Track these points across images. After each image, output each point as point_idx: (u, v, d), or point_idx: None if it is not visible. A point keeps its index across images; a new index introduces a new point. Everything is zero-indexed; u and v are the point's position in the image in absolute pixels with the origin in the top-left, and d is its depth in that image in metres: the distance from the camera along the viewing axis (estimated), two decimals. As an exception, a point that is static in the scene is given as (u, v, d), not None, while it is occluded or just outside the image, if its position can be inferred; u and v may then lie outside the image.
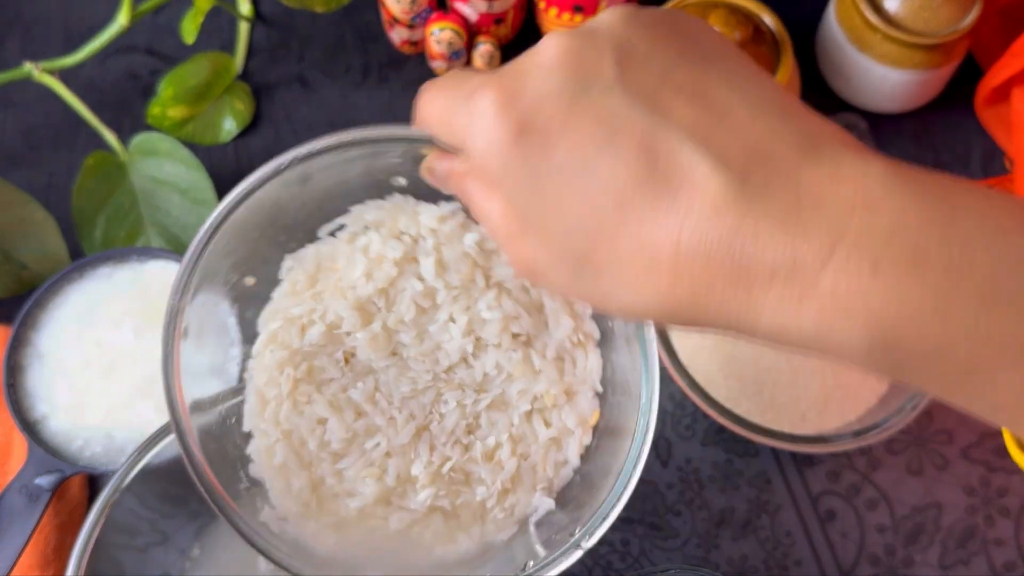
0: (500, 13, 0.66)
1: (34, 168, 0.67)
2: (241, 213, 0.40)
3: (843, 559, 0.57)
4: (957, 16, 0.61)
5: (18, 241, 0.60)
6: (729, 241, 0.27)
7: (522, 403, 0.43)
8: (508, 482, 0.42)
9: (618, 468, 0.41)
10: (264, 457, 0.42)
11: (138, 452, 0.49)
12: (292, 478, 0.42)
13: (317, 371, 0.42)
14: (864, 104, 0.67)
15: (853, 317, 0.26)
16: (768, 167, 0.27)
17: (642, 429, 0.41)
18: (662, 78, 0.29)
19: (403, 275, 0.43)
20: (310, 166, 0.39)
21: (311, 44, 0.71)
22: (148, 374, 0.55)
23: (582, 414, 0.44)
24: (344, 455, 0.42)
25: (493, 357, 0.43)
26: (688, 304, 0.28)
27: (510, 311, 0.43)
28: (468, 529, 0.42)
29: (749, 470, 0.59)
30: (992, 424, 0.30)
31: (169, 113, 0.66)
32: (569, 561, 0.40)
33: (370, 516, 0.42)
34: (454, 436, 0.42)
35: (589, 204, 0.29)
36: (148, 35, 0.71)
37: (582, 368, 0.44)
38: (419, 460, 0.42)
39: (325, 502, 0.42)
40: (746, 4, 0.62)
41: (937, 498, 0.58)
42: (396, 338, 0.43)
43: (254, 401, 0.43)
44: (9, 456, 0.58)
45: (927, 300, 0.26)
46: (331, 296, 0.43)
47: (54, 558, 0.55)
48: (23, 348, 0.56)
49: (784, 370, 0.56)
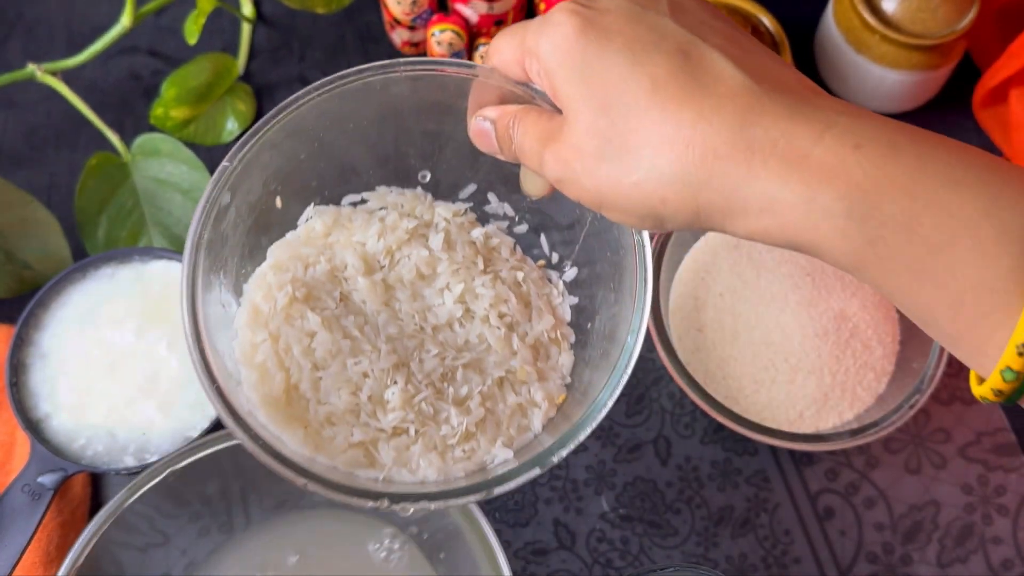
0: (500, 15, 0.67)
1: (37, 168, 0.67)
2: (294, 119, 0.45)
3: (841, 557, 0.57)
4: (954, 17, 0.61)
5: (21, 241, 0.60)
6: (742, 117, 0.33)
7: (496, 372, 0.47)
8: (472, 426, 0.45)
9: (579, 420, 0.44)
10: (246, 352, 0.45)
11: (160, 465, 0.49)
12: (270, 377, 0.45)
13: (314, 298, 0.46)
14: (862, 104, 0.67)
15: (836, 186, 0.32)
16: (779, 85, 0.34)
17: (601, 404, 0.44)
18: (702, 21, 0.36)
19: (411, 242, 0.48)
20: (372, 86, 0.45)
21: (312, 45, 0.71)
22: (150, 373, 0.55)
23: (550, 393, 0.47)
24: (324, 368, 0.45)
25: (478, 328, 0.48)
26: (694, 173, 0.33)
27: (502, 293, 0.48)
28: (427, 456, 0.45)
29: (748, 468, 0.59)
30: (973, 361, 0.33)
31: (171, 114, 0.66)
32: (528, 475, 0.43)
33: (337, 423, 0.45)
34: (430, 379, 0.46)
35: (630, 86, 0.34)
36: (151, 36, 0.71)
37: (555, 361, 0.48)
38: (394, 387, 0.45)
39: (294, 403, 0.45)
40: (745, 5, 0.62)
41: (935, 496, 0.59)
42: (392, 292, 0.48)
43: (247, 310, 0.46)
44: (12, 455, 0.58)
45: (899, 178, 0.31)
46: (341, 247, 0.48)
47: (56, 556, 0.55)
48: (26, 347, 0.56)
49: (782, 369, 0.56)
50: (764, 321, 0.57)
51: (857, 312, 0.57)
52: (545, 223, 0.52)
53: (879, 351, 0.57)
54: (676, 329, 0.59)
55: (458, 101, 0.45)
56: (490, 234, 0.50)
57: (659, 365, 0.61)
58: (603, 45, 0.35)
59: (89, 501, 0.57)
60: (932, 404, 0.61)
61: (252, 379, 0.45)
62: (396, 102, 0.48)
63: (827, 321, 0.57)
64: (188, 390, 0.55)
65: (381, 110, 0.48)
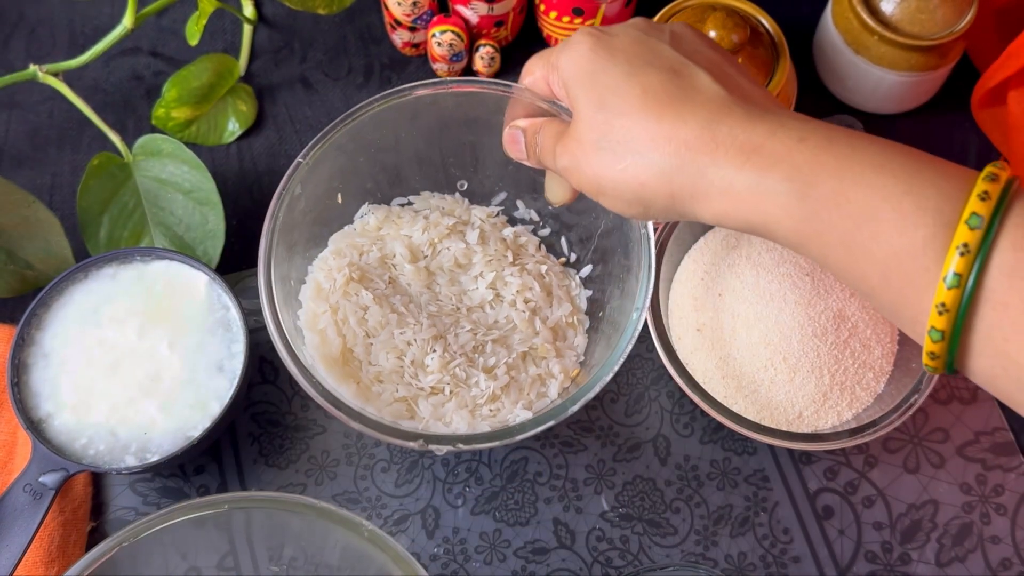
0: (501, 16, 0.67)
1: (39, 169, 0.67)
2: (356, 126, 0.53)
3: (840, 556, 0.57)
4: (953, 18, 0.62)
5: (23, 241, 0.60)
6: (712, 118, 0.40)
7: (520, 347, 0.56)
8: (498, 390, 0.54)
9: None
10: (310, 320, 0.55)
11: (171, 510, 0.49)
12: (329, 341, 0.54)
13: (367, 279, 0.56)
14: (861, 105, 0.68)
15: (781, 169, 0.38)
16: (749, 98, 0.42)
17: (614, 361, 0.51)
18: (697, 50, 0.44)
19: (451, 236, 0.58)
20: (423, 101, 0.54)
21: (313, 46, 0.71)
22: (151, 373, 0.56)
23: (566, 367, 0.56)
24: (375, 336, 0.55)
25: (506, 311, 0.57)
26: (669, 161, 0.40)
27: (527, 282, 0.57)
28: (459, 412, 0.53)
29: (747, 468, 0.59)
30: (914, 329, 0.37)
31: (173, 114, 0.66)
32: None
33: (385, 381, 0.54)
34: (463, 349, 0.55)
35: (624, 91, 0.42)
36: (152, 37, 0.72)
37: (571, 342, 0.57)
38: (433, 354, 0.54)
39: (349, 363, 0.54)
40: (744, 7, 0.62)
41: (933, 496, 0.59)
42: (433, 277, 0.58)
43: (311, 286, 0.56)
44: (13, 454, 0.58)
45: (831, 162, 0.37)
46: (391, 238, 0.58)
47: (58, 555, 0.55)
48: (28, 347, 0.56)
49: (781, 369, 0.57)
50: (763, 321, 0.57)
51: (856, 312, 0.58)
52: (565, 227, 0.60)
53: (878, 351, 0.58)
54: (676, 329, 0.59)
55: (495, 117, 0.52)
56: (519, 233, 0.60)
57: (658, 365, 0.61)
58: (608, 59, 0.43)
59: (90, 501, 0.58)
60: (930, 404, 0.61)
61: (315, 342, 0.54)
62: (442, 115, 0.56)
63: (826, 321, 0.57)
64: (189, 390, 0.55)
65: (429, 122, 0.56)
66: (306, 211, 0.54)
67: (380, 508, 0.58)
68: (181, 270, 0.58)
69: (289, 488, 0.58)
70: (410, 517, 0.58)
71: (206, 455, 0.59)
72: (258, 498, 0.48)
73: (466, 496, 0.58)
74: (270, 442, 0.59)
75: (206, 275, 0.57)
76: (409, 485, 0.59)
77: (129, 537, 0.47)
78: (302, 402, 0.60)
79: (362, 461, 0.59)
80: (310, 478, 0.59)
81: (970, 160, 0.68)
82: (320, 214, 0.56)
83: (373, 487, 0.59)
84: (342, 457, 0.59)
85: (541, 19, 0.69)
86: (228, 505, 0.48)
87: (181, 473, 0.59)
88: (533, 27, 0.71)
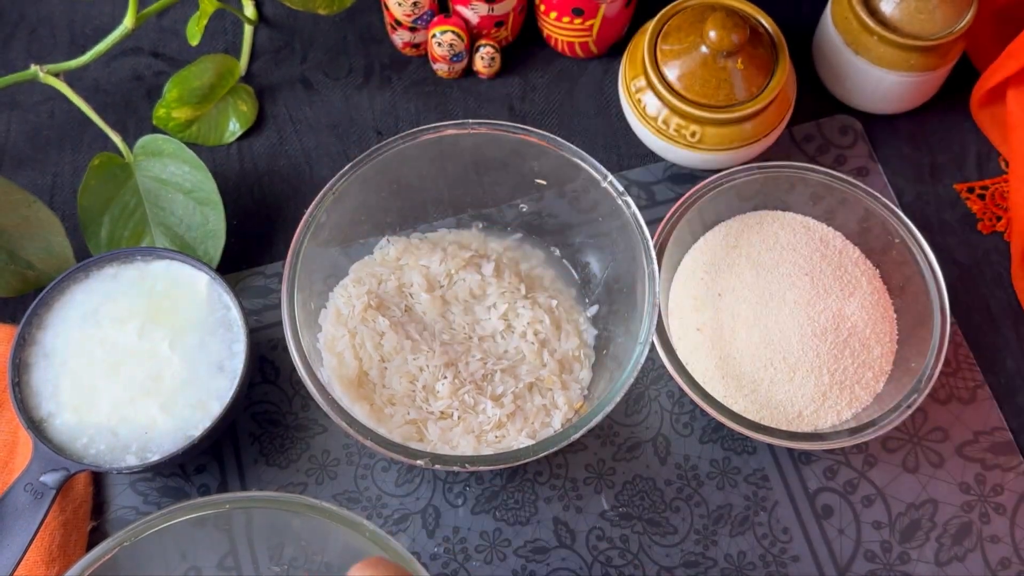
0: (501, 16, 0.67)
1: (40, 169, 0.67)
2: (382, 160, 0.56)
3: (840, 555, 0.58)
4: (952, 18, 0.62)
5: (24, 241, 0.60)
6: None
7: (527, 378, 0.57)
8: (504, 418, 0.56)
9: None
10: (329, 342, 0.57)
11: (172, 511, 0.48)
12: (346, 363, 0.57)
13: (384, 307, 0.58)
14: (860, 106, 0.68)
15: None
16: None
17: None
18: None
19: (467, 268, 0.60)
20: (446, 140, 0.57)
21: (314, 46, 0.72)
22: (152, 373, 0.56)
23: (570, 399, 0.57)
24: (389, 360, 0.57)
25: (516, 342, 0.59)
26: None
27: (538, 315, 0.59)
28: (466, 436, 0.55)
29: (747, 467, 0.59)
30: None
31: (174, 114, 0.66)
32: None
33: (396, 404, 0.56)
34: (473, 377, 0.57)
35: None
36: (153, 37, 0.72)
37: (577, 375, 0.58)
38: (444, 380, 0.56)
39: (364, 384, 0.57)
40: (744, 7, 0.62)
41: (933, 495, 0.59)
42: (448, 307, 0.59)
43: (332, 311, 0.58)
44: (14, 454, 0.58)
45: None
46: (409, 268, 0.60)
47: (58, 555, 0.55)
48: (29, 347, 0.56)
49: (781, 368, 0.57)
50: (762, 321, 0.57)
51: (855, 312, 0.58)
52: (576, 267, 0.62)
53: (877, 350, 0.58)
54: (675, 329, 0.59)
55: (512, 159, 0.57)
56: (533, 265, 0.62)
57: (658, 364, 0.61)
58: None
59: (91, 500, 0.58)
60: (930, 403, 0.61)
61: (332, 363, 0.57)
62: (462, 155, 0.58)
63: (825, 320, 0.57)
64: (190, 389, 0.55)
65: (450, 161, 0.58)
66: (330, 239, 0.57)
67: (380, 508, 0.58)
68: (182, 270, 0.58)
69: (290, 488, 0.58)
70: (410, 516, 0.58)
71: (207, 455, 0.59)
72: (259, 498, 0.48)
73: (466, 495, 0.59)
74: (271, 442, 0.60)
75: (207, 275, 0.58)
76: (409, 484, 0.59)
77: (130, 537, 0.47)
78: (303, 402, 0.60)
79: (362, 461, 0.59)
80: (311, 477, 0.59)
81: (970, 160, 0.68)
82: (343, 243, 0.59)
83: (373, 487, 0.59)
84: (342, 457, 0.59)
85: (541, 19, 0.69)
86: (229, 505, 0.48)
87: (182, 473, 0.59)
88: (533, 27, 0.71)
